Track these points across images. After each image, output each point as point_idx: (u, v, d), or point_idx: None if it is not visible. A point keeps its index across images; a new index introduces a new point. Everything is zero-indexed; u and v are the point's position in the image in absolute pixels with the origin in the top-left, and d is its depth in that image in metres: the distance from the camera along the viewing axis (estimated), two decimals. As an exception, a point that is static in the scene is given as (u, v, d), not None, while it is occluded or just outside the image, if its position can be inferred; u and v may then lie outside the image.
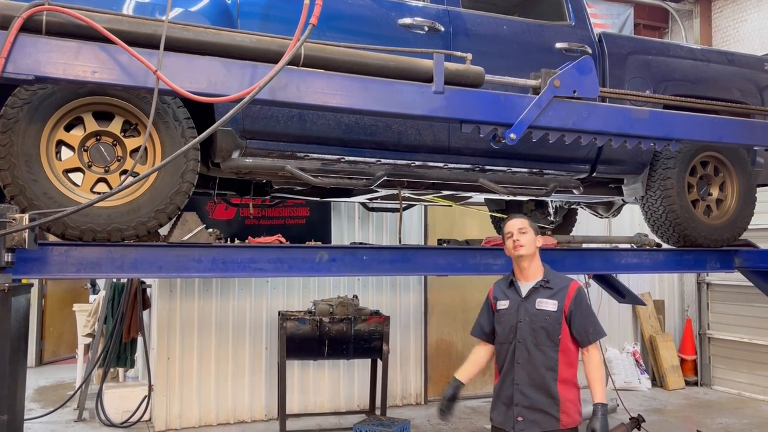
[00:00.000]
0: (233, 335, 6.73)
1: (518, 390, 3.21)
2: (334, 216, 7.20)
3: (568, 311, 3.24)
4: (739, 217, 4.99)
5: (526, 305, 3.29)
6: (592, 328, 3.27)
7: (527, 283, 3.37)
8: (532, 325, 3.24)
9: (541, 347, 3.21)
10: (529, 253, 3.35)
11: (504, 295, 3.42)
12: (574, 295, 3.28)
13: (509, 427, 3.23)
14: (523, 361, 3.22)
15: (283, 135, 3.70)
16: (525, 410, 3.19)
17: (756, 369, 8.09)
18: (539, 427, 3.17)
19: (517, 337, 3.26)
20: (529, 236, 3.36)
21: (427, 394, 7.57)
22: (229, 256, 3.51)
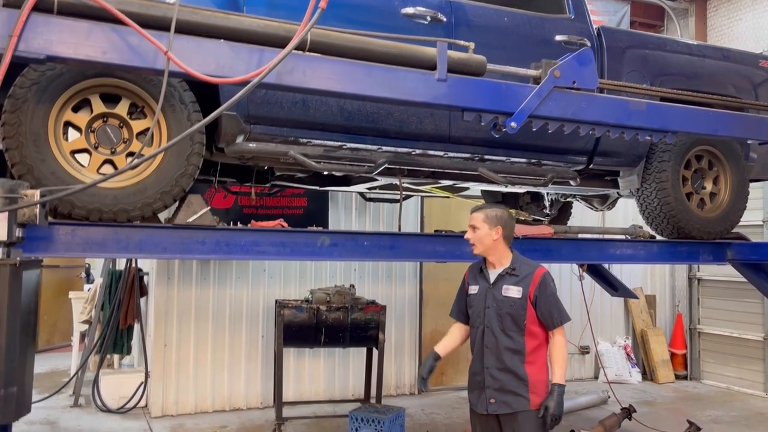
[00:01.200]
0: (230, 323, 6.78)
1: (488, 373, 3.33)
2: (332, 206, 7.25)
3: (533, 297, 3.33)
4: (732, 211, 5.08)
5: (494, 292, 3.40)
6: (557, 313, 3.35)
7: (495, 270, 3.47)
8: (498, 311, 3.34)
9: (507, 332, 3.31)
10: (480, 251, 3.46)
11: (475, 281, 3.53)
12: (539, 281, 3.36)
13: (482, 410, 3.35)
14: (491, 346, 3.33)
15: (286, 121, 3.75)
16: (496, 392, 3.30)
17: (744, 363, 8.21)
18: (510, 408, 3.27)
19: (485, 323, 3.37)
20: (480, 233, 3.44)
21: (421, 384, 7.64)
22: (232, 239, 3.56)
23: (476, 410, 3.42)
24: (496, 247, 3.46)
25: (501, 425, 3.34)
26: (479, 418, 3.43)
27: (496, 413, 3.33)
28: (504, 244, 3.49)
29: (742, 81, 5.12)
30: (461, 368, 7.95)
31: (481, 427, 3.43)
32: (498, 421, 3.35)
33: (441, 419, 6.58)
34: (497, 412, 3.32)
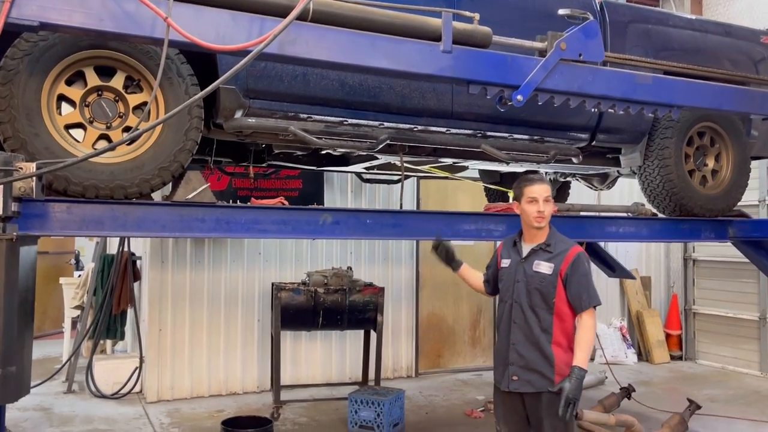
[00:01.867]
0: (225, 307, 6.70)
1: (514, 350, 3.22)
2: (327, 188, 7.16)
3: (564, 275, 3.19)
4: (734, 188, 5.05)
5: (524, 266, 3.28)
6: (586, 294, 3.18)
7: (529, 245, 3.34)
8: (528, 286, 3.23)
9: (535, 309, 3.20)
10: (545, 224, 3.30)
11: (508, 254, 3.42)
12: (573, 260, 3.22)
13: (505, 386, 3.26)
14: (519, 321, 3.23)
15: (286, 95, 3.66)
16: (520, 370, 3.19)
17: (739, 343, 8.25)
18: (533, 387, 3.16)
19: (514, 297, 3.27)
20: (551, 206, 3.30)
21: (418, 367, 7.62)
22: (232, 216, 3.47)
23: (499, 387, 3.32)
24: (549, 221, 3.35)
25: (525, 405, 3.23)
26: (502, 395, 3.32)
27: (519, 391, 3.22)
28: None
29: (743, 57, 5.07)
30: (458, 350, 7.94)
31: (504, 405, 3.32)
32: (522, 400, 3.24)
33: (439, 401, 6.55)
34: (519, 390, 3.21)
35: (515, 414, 3.27)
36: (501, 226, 4.23)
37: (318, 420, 5.84)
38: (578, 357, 3.13)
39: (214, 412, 6.06)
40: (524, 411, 3.25)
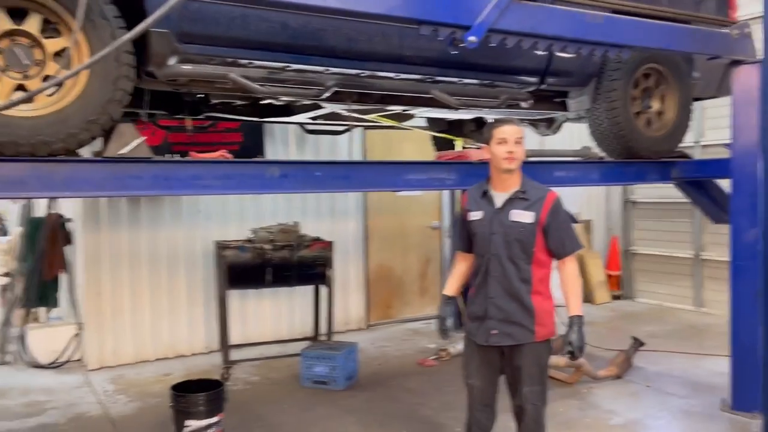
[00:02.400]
0: (167, 267, 6.42)
1: (492, 303, 3.10)
2: (268, 141, 6.87)
3: (545, 223, 3.07)
4: (678, 130, 5.12)
5: (500, 217, 3.10)
6: (569, 240, 3.12)
7: (503, 194, 3.13)
8: (506, 237, 3.07)
9: (515, 260, 3.07)
10: (515, 167, 3.10)
11: (477, 206, 3.21)
12: (552, 206, 3.09)
13: (483, 341, 3.14)
14: (497, 274, 3.09)
15: (224, 39, 3.39)
16: (499, 323, 3.09)
17: (674, 280, 8.59)
18: (513, 340, 3.08)
19: (491, 250, 3.11)
20: (522, 148, 3.11)
21: (369, 318, 7.59)
22: (172, 172, 3.24)
23: (475, 340, 3.21)
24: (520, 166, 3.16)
25: (502, 357, 3.17)
26: (478, 349, 3.20)
27: (498, 344, 3.12)
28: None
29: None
30: (408, 300, 7.95)
31: (479, 359, 3.22)
32: (500, 352, 3.16)
33: (392, 352, 6.56)
34: (499, 344, 3.11)
35: (490, 366, 3.20)
36: (453, 174, 4.14)
37: (271, 378, 5.75)
38: (574, 306, 3.09)
39: (161, 376, 5.86)
40: (499, 362, 3.19)
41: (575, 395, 5.07)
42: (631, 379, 5.46)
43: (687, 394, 5.06)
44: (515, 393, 3.18)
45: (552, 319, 3.16)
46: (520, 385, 3.13)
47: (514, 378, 3.16)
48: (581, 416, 4.64)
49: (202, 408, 4.09)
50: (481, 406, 3.23)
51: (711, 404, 4.78)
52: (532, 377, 3.11)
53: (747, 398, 4.46)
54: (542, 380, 3.16)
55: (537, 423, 3.17)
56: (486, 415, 3.25)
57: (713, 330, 7.07)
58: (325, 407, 4.94)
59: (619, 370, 5.46)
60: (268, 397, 5.23)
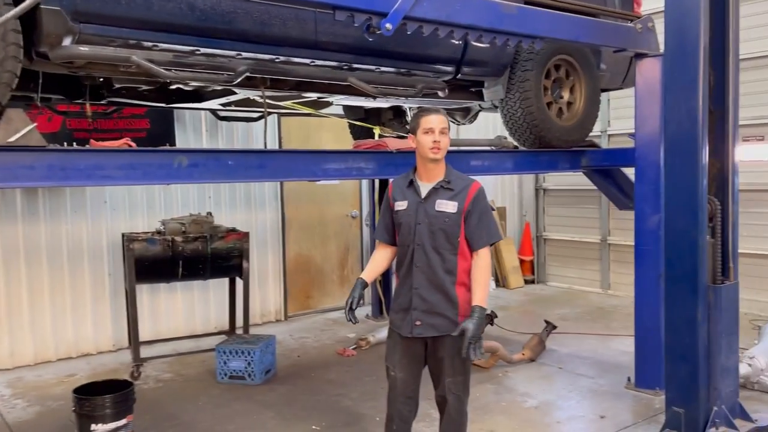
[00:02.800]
0: (69, 262, 6.03)
1: (417, 294, 3.08)
2: (178, 128, 6.57)
3: (466, 212, 3.07)
4: (587, 119, 5.29)
5: (425, 207, 3.07)
6: (487, 231, 3.09)
7: (428, 184, 3.10)
8: (430, 227, 3.05)
9: (439, 250, 3.05)
10: (441, 157, 3.07)
11: (402, 195, 3.16)
12: (474, 196, 3.08)
13: (407, 332, 3.11)
14: (421, 265, 3.07)
15: (126, 20, 3.17)
16: (423, 314, 3.07)
17: (584, 264, 8.97)
18: (437, 331, 3.06)
19: (416, 240, 3.08)
20: (447, 138, 3.08)
21: (287, 310, 7.46)
22: (69, 162, 3.00)
23: (400, 332, 3.16)
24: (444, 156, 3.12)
25: (426, 348, 3.14)
26: (402, 340, 3.15)
27: (422, 336, 3.08)
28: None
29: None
30: (327, 290, 7.88)
31: (402, 350, 3.18)
32: (424, 344, 3.13)
33: (311, 343, 6.47)
34: (423, 335, 3.07)
35: (413, 358, 3.17)
36: (371, 163, 4.09)
37: (184, 374, 5.53)
38: (478, 296, 3.04)
39: (63, 377, 5.52)
40: (423, 354, 3.16)
41: (491, 380, 5.18)
42: (545, 361, 5.64)
43: (595, 374, 5.28)
44: (438, 384, 3.18)
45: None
46: (443, 376, 3.13)
47: (438, 369, 3.15)
48: (497, 400, 4.75)
49: (108, 411, 3.86)
50: (404, 398, 3.20)
51: (617, 383, 5.00)
52: (455, 368, 3.11)
53: (650, 376, 4.70)
54: (465, 371, 3.15)
55: (460, 413, 3.18)
56: (408, 407, 3.23)
57: (620, 311, 7.43)
58: (241, 403, 4.81)
59: (532, 354, 5.62)
60: (181, 394, 5.03)
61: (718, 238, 3.70)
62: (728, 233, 3.74)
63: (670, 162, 3.69)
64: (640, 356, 4.81)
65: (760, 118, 6.95)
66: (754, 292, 7.05)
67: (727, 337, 3.68)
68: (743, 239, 6.88)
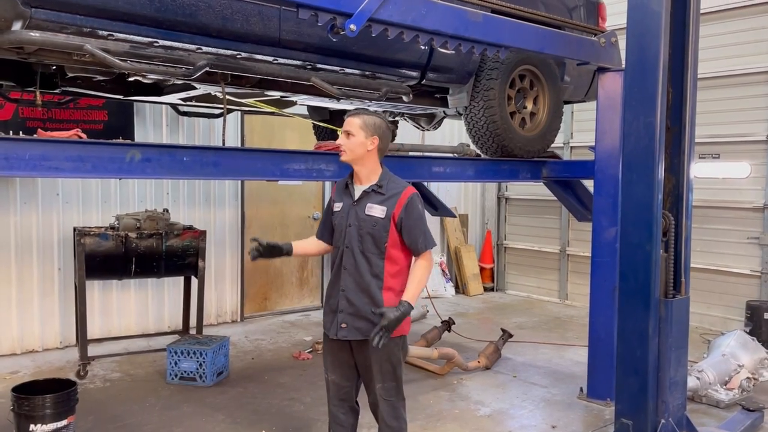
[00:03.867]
0: (17, 256, 5.83)
1: (343, 296, 3.06)
2: (138, 121, 6.42)
3: (398, 219, 3.04)
4: (549, 131, 5.33)
5: (357, 209, 3.05)
6: (422, 237, 3.06)
7: (361, 186, 3.10)
8: (359, 230, 3.03)
9: (366, 254, 3.03)
10: (351, 158, 3.05)
11: (340, 197, 3.17)
12: (406, 202, 3.04)
13: (333, 334, 3.10)
14: (349, 267, 3.05)
15: (80, 6, 3.06)
16: (349, 317, 3.05)
17: (542, 274, 9.06)
18: (361, 334, 3.03)
19: (345, 242, 3.07)
20: (356, 140, 3.03)
21: (244, 311, 7.35)
22: (13, 151, 2.87)
23: (328, 334, 3.15)
24: (368, 159, 3.06)
25: (352, 352, 3.12)
26: (330, 343, 3.15)
27: (347, 338, 3.08)
28: (376, 157, 3.09)
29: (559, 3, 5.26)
30: (285, 292, 7.78)
31: (332, 353, 3.17)
32: (350, 347, 3.11)
33: (266, 345, 6.37)
34: (347, 338, 3.07)
35: (343, 362, 3.15)
36: (332, 165, 4.04)
37: (132, 374, 5.38)
38: (409, 292, 3.00)
39: (6, 375, 5.32)
40: (352, 358, 3.13)
41: (446, 387, 5.17)
42: (500, 369, 5.66)
43: (549, 384, 5.32)
44: (369, 390, 3.15)
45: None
46: (372, 382, 3.09)
47: (367, 375, 3.12)
48: (450, 407, 4.73)
49: (48, 411, 3.71)
50: (337, 401, 3.18)
51: (570, 393, 5.05)
52: (384, 374, 3.06)
53: (602, 387, 4.75)
54: (396, 376, 3.10)
55: (396, 418, 3.11)
56: (343, 410, 3.19)
57: (576, 322, 7.51)
58: (191, 405, 4.69)
59: (488, 361, 5.63)
60: (128, 395, 4.89)
61: (671, 253, 3.74)
62: (681, 248, 3.79)
63: (627, 176, 3.72)
64: (593, 367, 4.86)
65: (716, 136, 7.12)
66: (705, 307, 7.22)
67: (676, 350, 3.73)
68: (697, 254, 7.06)
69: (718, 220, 7.19)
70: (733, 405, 4.76)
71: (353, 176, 3.18)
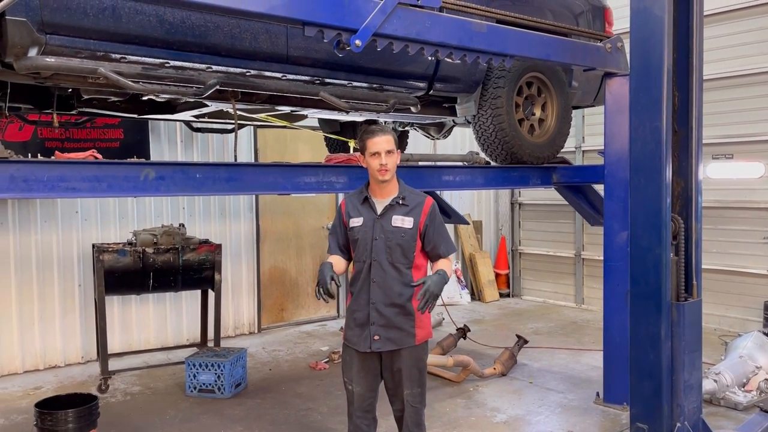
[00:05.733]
0: (38, 273, 5.95)
1: (374, 309, 3.11)
2: (153, 138, 6.54)
3: (423, 227, 3.15)
4: (558, 136, 5.34)
5: (382, 223, 3.13)
6: (444, 244, 3.18)
7: (383, 200, 3.17)
8: (387, 242, 3.11)
9: (396, 264, 3.11)
10: (389, 177, 3.14)
11: (357, 212, 3.21)
12: (429, 211, 3.17)
13: (365, 347, 3.13)
14: (378, 279, 3.11)
15: (93, 31, 3.16)
16: (381, 329, 3.10)
17: (558, 279, 9.04)
18: (395, 345, 3.11)
19: (372, 255, 3.12)
20: (395, 158, 3.14)
21: (261, 322, 7.42)
22: (32, 173, 2.97)
23: (357, 348, 3.16)
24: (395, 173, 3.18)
25: (382, 362, 3.17)
26: (359, 355, 3.17)
27: (380, 350, 3.11)
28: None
29: (565, 9, 5.29)
30: (302, 303, 7.85)
31: (359, 365, 3.19)
32: (379, 358, 3.16)
33: (283, 356, 6.44)
34: (381, 350, 3.10)
35: (370, 372, 3.20)
36: (342, 177, 4.10)
37: (153, 387, 5.47)
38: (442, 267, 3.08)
39: (30, 390, 5.43)
40: (380, 368, 3.19)
41: (462, 394, 5.18)
42: (516, 376, 5.66)
43: (565, 389, 5.31)
44: (395, 397, 3.21)
45: (429, 321, 3.24)
46: (401, 388, 3.15)
47: (394, 382, 3.18)
48: (467, 415, 4.75)
49: (71, 425, 3.82)
50: (361, 412, 3.22)
51: (587, 398, 5.04)
52: (412, 380, 3.14)
53: (618, 391, 4.74)
54: (422, 382, 3.20)
55: (418, 425, 3.20)
56: (366, 421, 3.24)
57: (592, 326, 7.49)
58: (210, 417, 4.76)
59: (503, 368, 5.64)
60: (148, 408, 4.97)
61: (681, 256, 3.74)
62: (692, 251, 3.79)
63: (635, 180, 3.74)
64: (609, 372, 4.85)
65: (729, 136, 7.08)
66: (723, 308, 7.16)
67: (690, 354, 3.72)
68: (713, 255, 7.04)
69: (733, 221, 7.14)
70: (751, 407, 4.73)
71: (369, 190, 3.22)
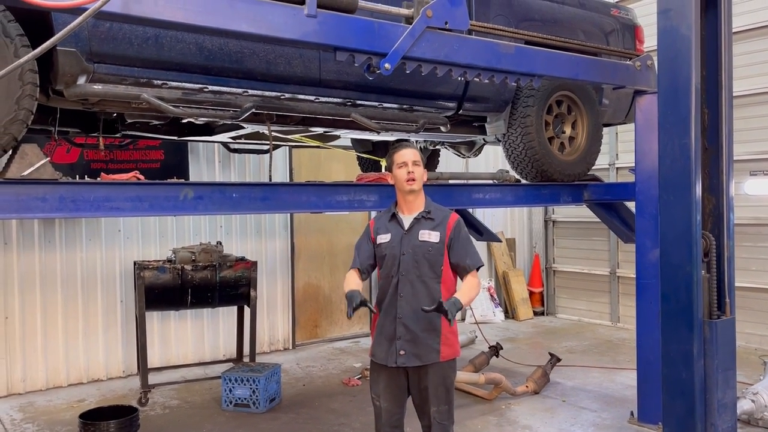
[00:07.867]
0: (83, 289, 6.19)
1: (401, 324, 3.15)
2: (192, 159, 6.77)
3: (449, 242, 3.20)
4: (589, 154, 5.36)
5: (409, 237, 3.20)
6: (470, 258, 3.21)
7: (409, 216, 3.24)
8: (415, 257, 3.16)
9: (423, 279, 3.15)
10: (420, 187, 3.24)
11: (385, 229, 3.28)
12: (454, 225, 3.22)
13: (391, 362, 3.17)
14: (406, 295, 3.15)
15: (137, 59, 3.34)
16: (407, 344, 3.14)
17: (593, 297, 8.95)
18: (420, 360, 3.14)
19: (400, 271, 3.17)
20: (421, 169, 3.24)
21: (295, 338, 7.53)
22: (79, 194, 3.14)
23: (384, 364, 3.18)
24: (422, 187, 3.28)
25: (408, 378, 3.21)
26: (386, 371, 3.20)
27: (405, 366, 3.14)
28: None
29: (596, 29, 5.34)
30: (335, 319, 7.94)
31: (386, 380, 3.23)
32: (406, 374, 3.20)
33: (317, 372, 6.52)
34: (406, 365, 3.13)
35: (397, 388, 3.23)
36: (373, 196, 4.20)
37: (190, 401, 5.61)
38: (460, 293, 3.10)
39: (73, 403, 5.63)
40: (406, 383, 3.22)
41: (494, 411, 5.19)
42: (548, 394, 5.63)
43: (599, 408, 5.26)
44: (422, 413, 3.23)
45: (457, 338, 3.26)
46: (427, 405, 3.18)
47: (421, 398, 3.21)
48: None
49: (112, 436, 3.96)
50: (389, 427, 3.25)
51: (621, 417, 4.99)
52: (439, 397, 3.17)
53: (652, 411, 4.67)
54: (449, 399, 3.21)
55: None
56: None
57: (627, 345, 7.38)
58: (245, 431, 4.87)
59: (536, 386, 5.62)
60: (186, 421, 5.10)
61: (713, 273, 3.72)
62: (724, 268, 3.77)
63: (665, 198, 3.74)
64: (643, 390, 4.79)
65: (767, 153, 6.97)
66: (764, 327, 7.00)
67: (724, 372, 3.68)
68: (753, 273, 6.90)
69: (773, 238, 7.00)
70: (792, 429, 4.62)
71: (397, 207, 3.32)
